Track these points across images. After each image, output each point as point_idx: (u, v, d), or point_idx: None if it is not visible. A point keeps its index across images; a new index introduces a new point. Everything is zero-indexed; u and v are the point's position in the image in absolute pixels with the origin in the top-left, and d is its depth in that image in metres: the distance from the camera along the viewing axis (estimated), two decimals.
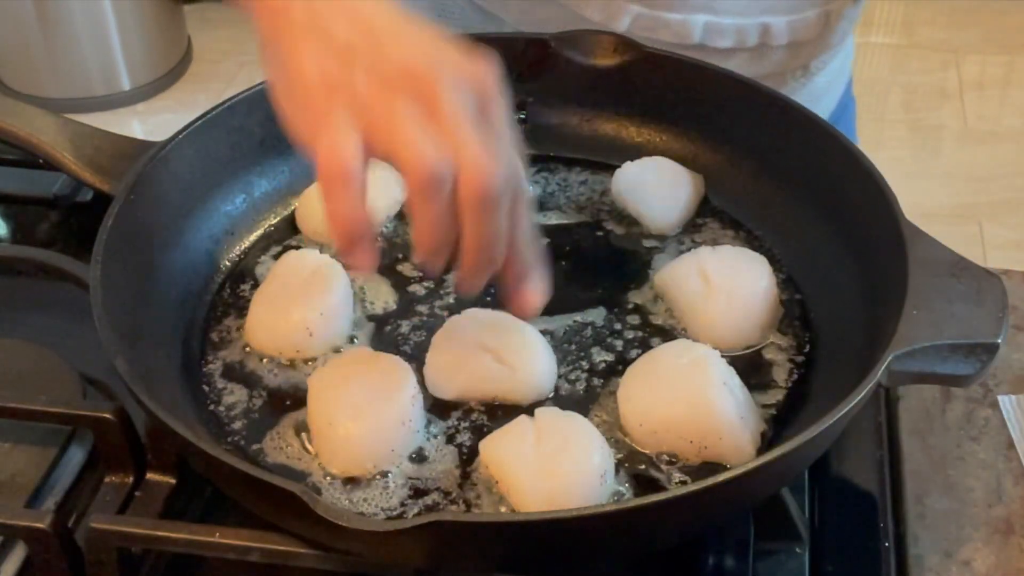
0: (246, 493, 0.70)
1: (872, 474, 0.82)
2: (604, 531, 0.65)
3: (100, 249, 0.79)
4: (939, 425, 0.87)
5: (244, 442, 0.78)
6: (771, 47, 1.07)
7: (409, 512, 0.73)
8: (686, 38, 1.05)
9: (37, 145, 0.90)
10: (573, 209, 0.97)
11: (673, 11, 1.04)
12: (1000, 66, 3.34)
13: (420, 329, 0.86)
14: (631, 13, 1.05)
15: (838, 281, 0.85)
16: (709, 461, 0.75)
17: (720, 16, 1.05)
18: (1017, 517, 0.80)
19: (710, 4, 1.04)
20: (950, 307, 0.74)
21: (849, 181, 0.85)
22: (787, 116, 0.92)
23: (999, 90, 3.28)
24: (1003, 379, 0.89)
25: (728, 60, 1.05)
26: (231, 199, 0.94)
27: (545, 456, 0.72)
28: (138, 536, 0.72)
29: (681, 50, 0.99)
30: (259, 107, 0.94)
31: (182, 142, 0.89)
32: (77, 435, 0.81)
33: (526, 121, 1.01)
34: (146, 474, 0.78)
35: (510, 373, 0.79)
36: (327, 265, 0.86)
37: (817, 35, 1.09)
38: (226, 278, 0.91)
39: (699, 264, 0.85)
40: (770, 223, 0.93)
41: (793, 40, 1.08)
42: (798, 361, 0.83)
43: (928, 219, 0.86)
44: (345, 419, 0.75)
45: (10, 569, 0.74)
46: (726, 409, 0.75)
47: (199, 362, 0.84)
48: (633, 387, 0.78)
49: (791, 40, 1.07)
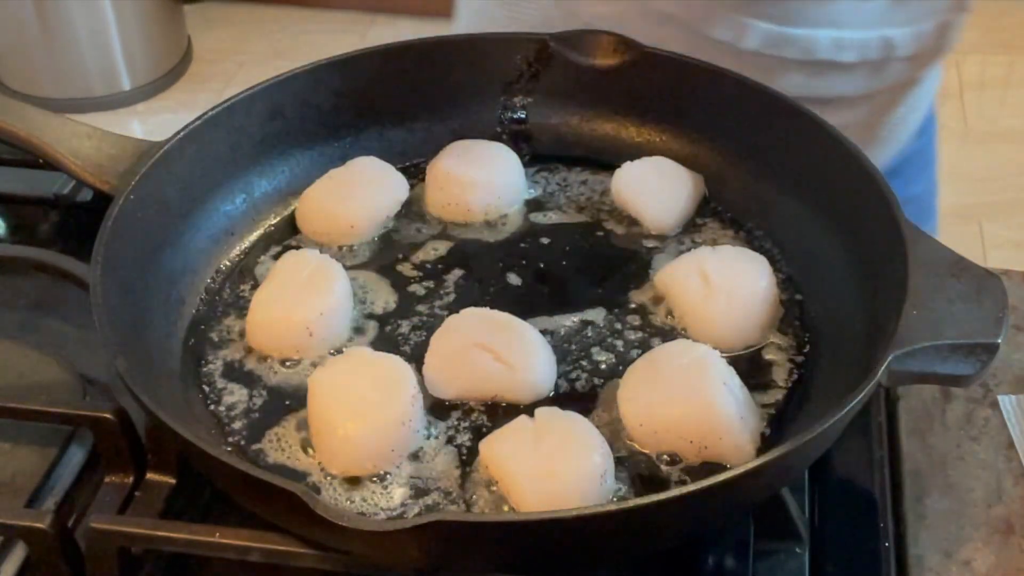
0: (246, 493, 0.70)
1: (872, 474, 0.82)
2: (604, 531, 0.65)
3: (100, 249, 0.79)
4: (939, 425, 0.86)
5: (244, 442, 0.78)
6: (893, 60, 1.08)
7: (409, 512, 0.73)
8: (812, 54, 1.06)
9: (37, 145, 0.90)
10: (573, 209, 0.97)
11: (798, 27, 1.05)
12: (1000, 66, 3.34)
13: (420, 329, 0.86)
14: (759, 31, 1.05)
15: (838, 281, 0.85)
16: (709, 461, 0.75)
17: (843, 30, 1.06)
18: (1017, 517, 0.80)
19: (834, 19, 1.05)
20: (950, 307, 0.74)
21: (849, 181, 0.85)
22: (787, 116, 0.91)
23: (999, 90, 3.28)
24: (1003, 379, 0.89)
25: (851, 74, 1.07)
26: (231, 199, 0.94)
27: (545, 456, 0.72)
28: (138, 536, 0.72)
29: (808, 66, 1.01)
30: (259, 107, 0.94)
31: (182, 142, 0.89)
32: (77, 435, 0.81)
33: (526, 121, 1.01)
34: (146, 474, 0.78)
35: (509, 372, 0.79)
36: (327, 265, 0.86)
37: (935, 46, 1.10)
38: (226, 278, 0.91)
39: (699, 264, 0.85)
40: (770, 223, 0.93)
41: (915, 52, 1.09)
42: (798, 361, 0.83)
43: None
44: (345, 419, 0.75)
45: (10, 569, 0.74)
46: (726, 409, 0.75)
47: (199, 362, 0.84)
48: (633, 387, 0.78)
49: (914, 52, 1.09)
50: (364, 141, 0.99)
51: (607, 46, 0.97)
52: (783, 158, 0.92)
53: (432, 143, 0.99)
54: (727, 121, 0.96)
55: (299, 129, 0.97)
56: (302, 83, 0.96)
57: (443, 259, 0.92)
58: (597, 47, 0.97)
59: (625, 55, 0.97)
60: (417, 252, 0.93)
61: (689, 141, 0.98)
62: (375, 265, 0.92)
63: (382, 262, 0.92)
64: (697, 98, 0.97)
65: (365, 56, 0.98)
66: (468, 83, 1.01)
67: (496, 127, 1.01)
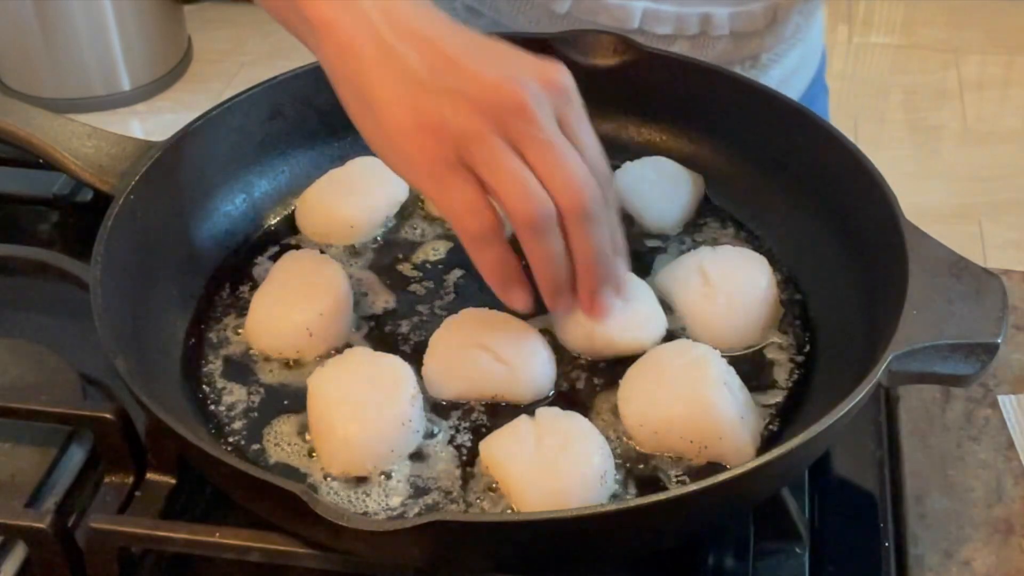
0: (246, 493, 0.70)
1: (872, 474, 0.82)
2: (604, 531, 0.65)
3: (100, 249, 0.79)
4: (939, 425, 0.87)
5: (244, 442, 0.78)
6: (712, 36, 1.07)
7: (409, 512, 0.73)
8: (625, 23, 1.05)
9: (37, 145, 0.89)
10: None
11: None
12: (1000, 66, 3.34)
13: (420, 329, 0.86)
14: None
15: (838, 281, 0.85)
16: (709, 461, 0.75)
17: (659, 3, 1.05)
18: (1017, 517, 0.80)
19: None
20: (950, 307, 0.74)
21: (849, 181, 0.85)
22: (787, 116, 0.92)
23: (999, 90, 3.28)
24: (1003, 379, 0.89)
25: (669, 47, 1.05)
26: (231, 199, 0.94)
27: (545, 456, 0.72)
28: (138, 536, 0.72)
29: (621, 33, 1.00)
30: (259, 107, 0.94)
31: (182, 142, 0.89)
32: (77, 435, 0.81)
33: None
34: (146, 474, 0.78)
35: (509, 372, 0.79)
36: (327, 265, 0.86)
37: (765, 27, 1.08)
38: (226, 278, 0.91)
39: (699, 264, 0.85)
40: (770, 223, 0.93)
41: (736, 31, 1.07)
42: (798, 361, 0.83)
43: (928, 219, 0.86)
44: (345, 419, 0.75)
45: (10, 569, 0.74)
46: (726, 409, 0.75)
47: (199, 362, 0.84)
48: (633, 387, 0.78)
49: (733, 31, 1.07)
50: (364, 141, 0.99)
51: (607, 46, 0.97)
52: (783, 158, 0.92)
53: None
54: (727, 121, 0.96)
55: (299, 129, 0.97)
56: (302, 83, 0.95)
57: (443, 259, 0.92)
58: (597, 47, 0.97)
59: (625, 55, 0.97)
60: (417, 252, 0.93)
61: (689, 141, 0.98)
62: (375, 265, 0.92)
63: (382, 262, 0.92)
64: (697, 98, 0.96)
65: None
66: None
67: None
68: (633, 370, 0.79)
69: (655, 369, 0.78)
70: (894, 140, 3.07)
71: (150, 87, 3.22)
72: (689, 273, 0.85)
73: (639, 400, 0.77)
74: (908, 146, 3.06)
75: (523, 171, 0.70)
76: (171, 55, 3.29)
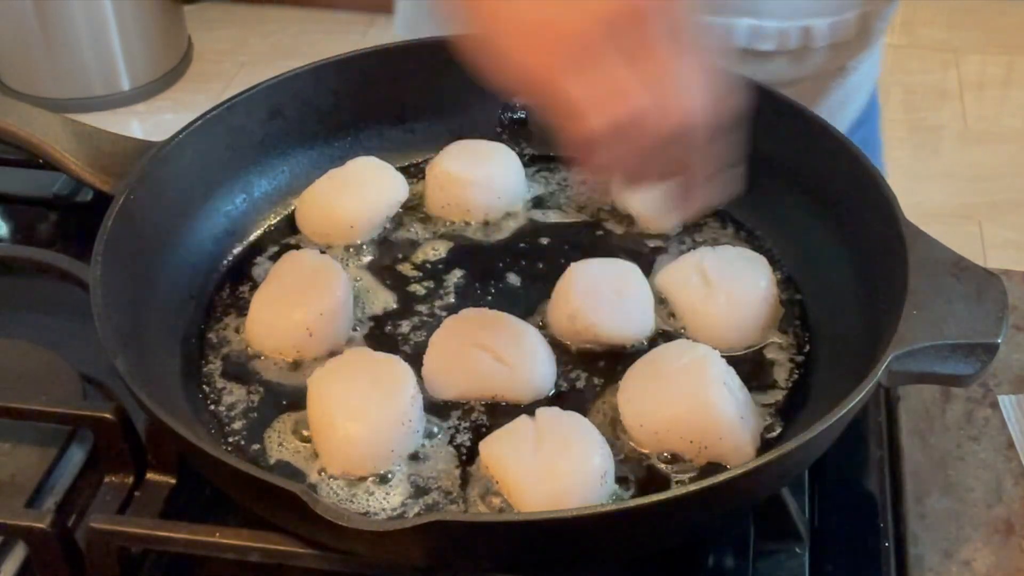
0: (246, 493, 0.70)
1: (872, 474, 0.82)
2: (604, 531, 0.65)
3: (100, 249, 0.79)
4: (939, 425, 0.86)
5: (244, 442, 0.78)
6: (812, 49, 1.08)
7: (409, 512, 0.73)
8: (729, 42, 1.06)
9: (37, 145, 0.90)
10: (573, 209, 0.97)
11: (716, 15, 1.04)
12: (1000, 66, 3.34)
13: (420, 329, 0.86)
14: None
15: (838, 281, 0.85)
16: (709, 461, 0.75)
17: (763, 19, 1.06)
18: (1017, 517, 0.80)
19: (754, 8, 1.05)
20: (950, 307, 0.74)
21: (849, 181, 0.85)
22: (787, 116, 0.91)
23: (999, 90, 3.28)
24: (1003, 379, 0.89)
25: (770, 63, 1.06)
26: (231, 199, 0.94)
27: (545, 456, 0.72)
28: (138, 536, 0.72)
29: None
30: (259, 107, 0.94)
31: (182, 142, 0.89)
32: (77, 435, 0.81)
33: (527, 121, 1.01)
34: (146, 474, 0.78)
35: (509, 372, 0.79)
36: (327, 265, 0.86)
37: (856, 35, 1.09)
38: (226, 278, 0.91)
39: (699, 264, 0.86)
40: (770, 223, 0.93)
41: (834, 41, 1.08)
42: (798, 361, 0.83)
43: (928, 219, 0.86)
44: (345, 419, 0.75)
45: (10, 569, 0.74)
46: (726, 409, 0.75)
47: (199, 362, 0.84)
48: (633, 387, 0.78)
49: (832, 42, 1.08)
50: (364, 141, 0.99)
51: None
52: (784, 158, 0.92)
53: (432, 143, 0.99)
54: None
55: (299, 129, 0.97)
56: (302, 83, 0.96)
57: (443, 259, 0.92)
58: None
59: None
60: (417, 252, 0.93)
61: None
62: (375, 265, 0.92)
63: (382, 262, 0.92)
64: None
65: (365, 56, 0.98)
66: (468, 83, 1.00)
67: (496, 127, 1.01)
68: (633, 370, 0.79)
69: (655, 369, 0.78)
70: (894, 140, 3.07)
71: (150, 87, 3.22)
72: (689, 273, 0.85)
73: (639, 400, 0.77)
74: (908, 146, 3.06)
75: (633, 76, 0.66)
76: (171, 55, 3.29)
